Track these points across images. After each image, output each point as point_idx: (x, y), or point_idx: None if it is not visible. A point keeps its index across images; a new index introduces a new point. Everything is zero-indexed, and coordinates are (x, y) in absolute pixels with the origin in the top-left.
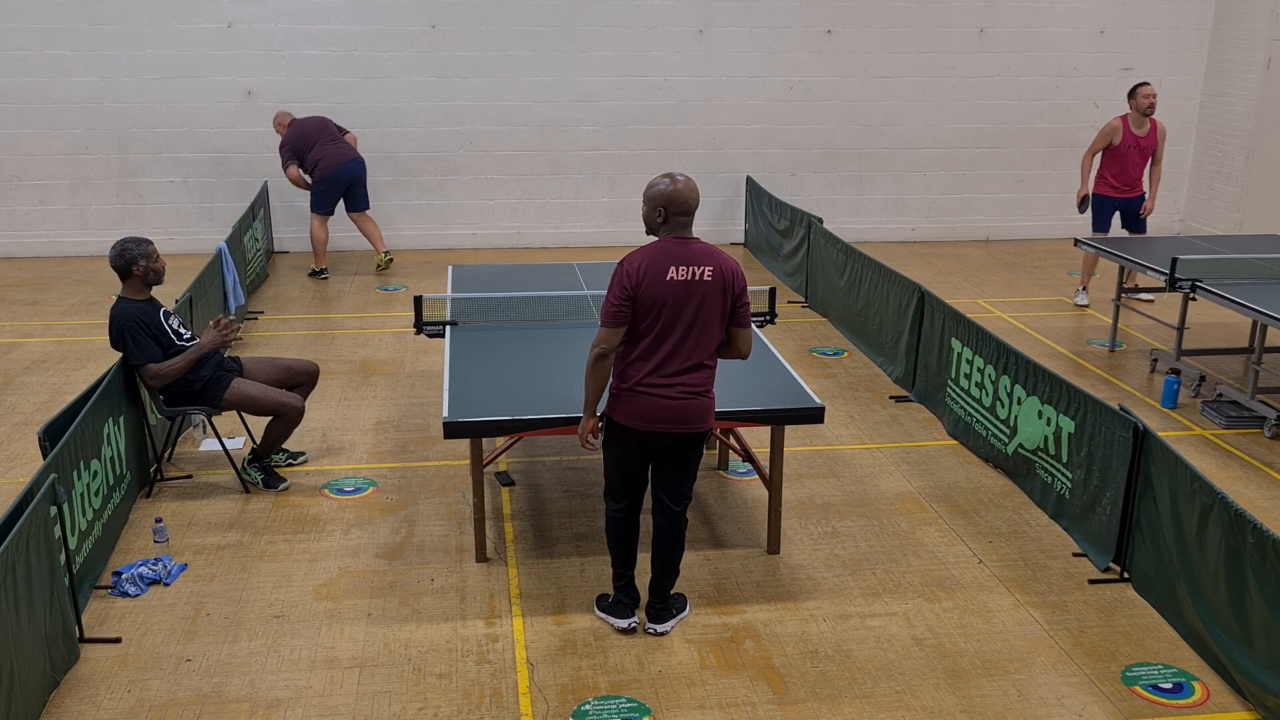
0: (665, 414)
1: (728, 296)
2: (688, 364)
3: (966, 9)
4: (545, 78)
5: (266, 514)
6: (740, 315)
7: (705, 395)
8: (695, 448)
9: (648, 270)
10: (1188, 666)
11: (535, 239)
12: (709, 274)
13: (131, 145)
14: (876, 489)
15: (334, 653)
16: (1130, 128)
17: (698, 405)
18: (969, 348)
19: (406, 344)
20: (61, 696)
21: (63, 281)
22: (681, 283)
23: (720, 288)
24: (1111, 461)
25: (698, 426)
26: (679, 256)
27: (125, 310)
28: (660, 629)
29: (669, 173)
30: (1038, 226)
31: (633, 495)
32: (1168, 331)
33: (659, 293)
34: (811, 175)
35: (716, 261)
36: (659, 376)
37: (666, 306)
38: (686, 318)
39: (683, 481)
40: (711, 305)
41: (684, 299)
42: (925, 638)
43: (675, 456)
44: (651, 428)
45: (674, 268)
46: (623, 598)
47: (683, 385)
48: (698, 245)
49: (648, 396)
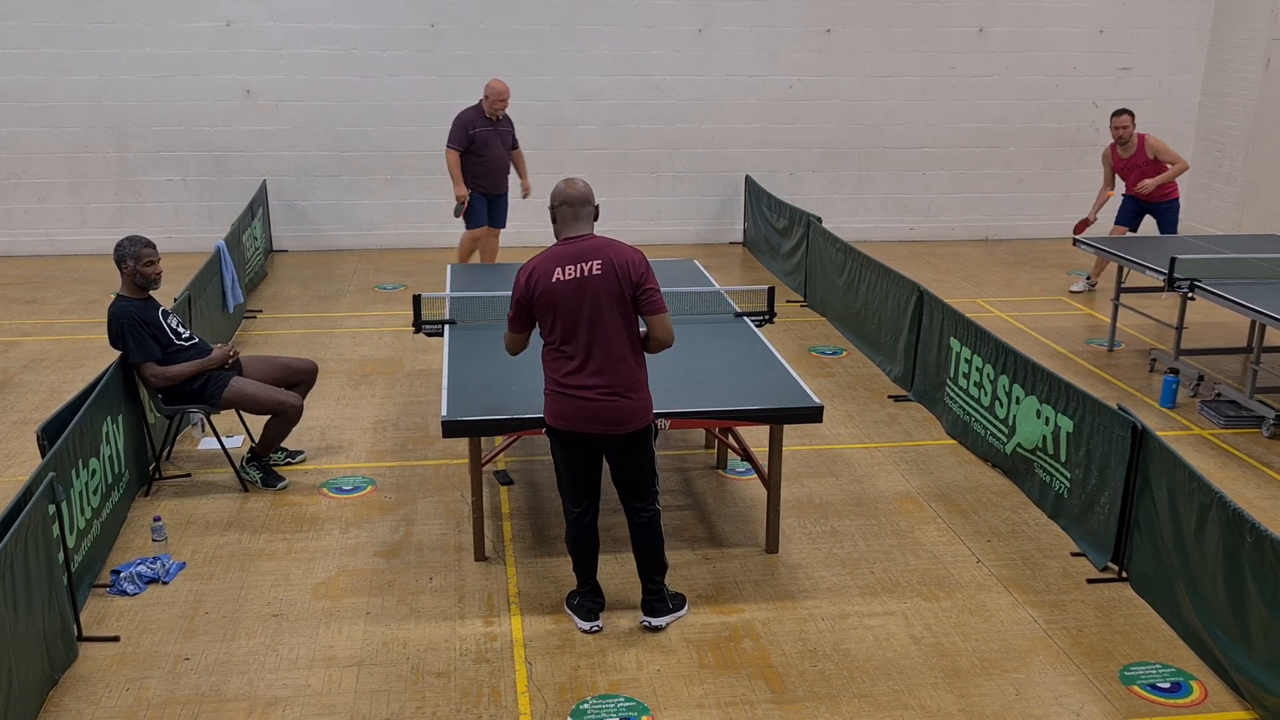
0: (585, 415)
1: (624, 287)
2: (603, 363)
3: (966, 8)
4: (545, 77)
5: (265, 513)
6: (646, 302)
7: (627, 396)
8: (633, 450)
9: (535, 276)
10: (1186, 666)
11: (534, 238)
12: (597, 268)
13: (130, 144)
14: (875, 488)
15: (332, 651)
16: (1118, 154)
17: (621, 407)
18: (968, 347)
19: (405, 343)
20: (60, 695)
21: (61, 280)
22: (571, 282)
23: (613, 280)
24: (1110, 461)
25: (623, 428)
26: (566, 256)
27: (124, 309)
28: (655, 622)
29: (570, 178)
30: (1037, 226)
31: (587, 496)
32: (1166, 331)
33: (549, 296)
34: (811, 174)
35: (606, 255)
36: (576, 377)
37: (560, 308)
38: (585, 316)
39: (635, 481)
40: (608, 300)
41: (576, 298)
42: (923, 637)
43: (616, 458)
44: (576, 428)
45: (560, 269)
46: (587, 601)
47: (601, 386)
48: (589, 241)
49: (568, 397)
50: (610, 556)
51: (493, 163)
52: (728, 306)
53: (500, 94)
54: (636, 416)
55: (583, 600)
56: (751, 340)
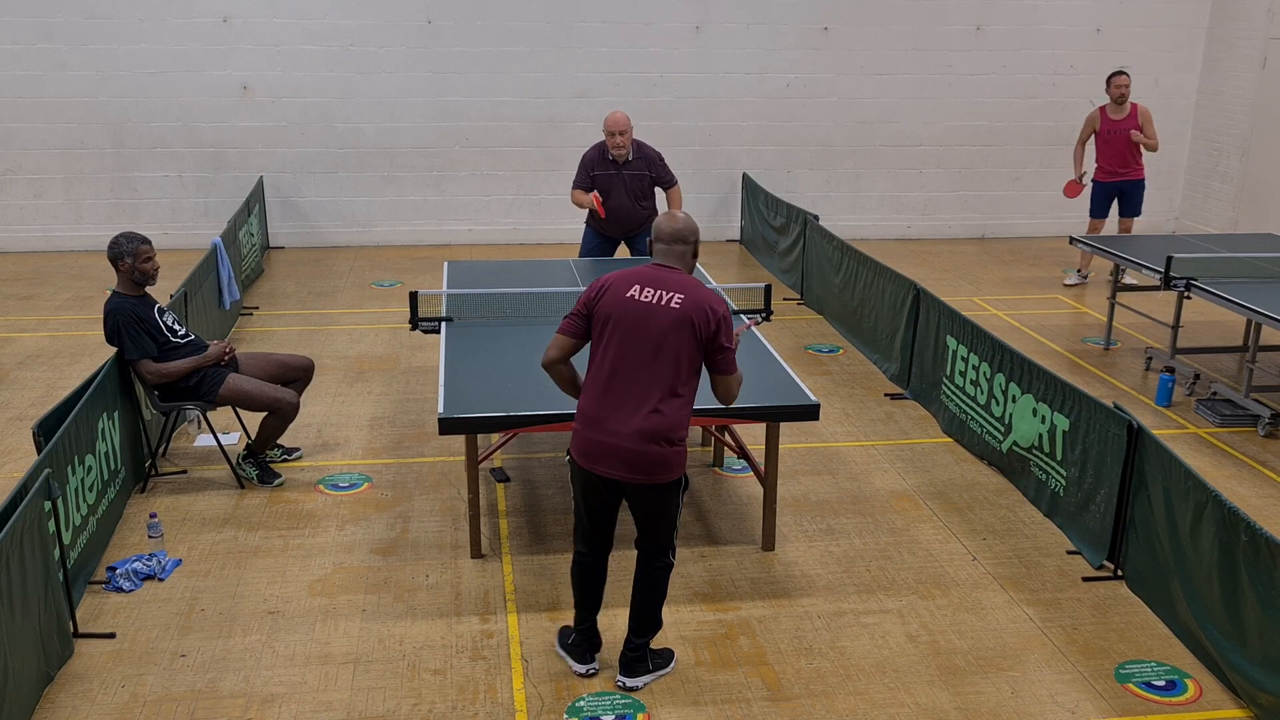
0: (609, 454)
1: (697, 332)
2: (640, 402)
3: (963, 7)
4: (542, 73)
5: (261, 510)
6: (718, 361)
7: (662, 444)
8: (659, 502)
9: (609, 286)
10: (1181, 664)
11: (531, 235)
12: (677, 302)
13: (126, 140)
14: (871, 486)
15: (328, 648)
16: (1107, 114)
17: (655, 455)
18: (964, 345)
19: (402, 340)
20: (56, 692)
21: (57, 276)
22: (643, 305)
23: (688, 321)
24: (1106, 459)
25: (648, 478)
26: (649, 279)
27: (120, 305)
28: (629, 683)
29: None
30: (1033, 224)
31: (598, 539)
32: (1162, 330)
33: (615, 311)
34: (808, 172)
35: (690, 294)
36: (605, 411)
37: (622, 328)
38: (645, 346)
39: (651, 532)
40: (675, 338)
41: (642, 324)
42: (919, 635)
43: (637, 505)
44: (597, 469)
45: (638, 288)
46: (581, 640)
47: (629, 428)
48: (678, 275)
49: (591, 433)
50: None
51: (613, 209)
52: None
53: (611, 129)
54: (670, 467)
55: (579, 639)
56: (748, 338)
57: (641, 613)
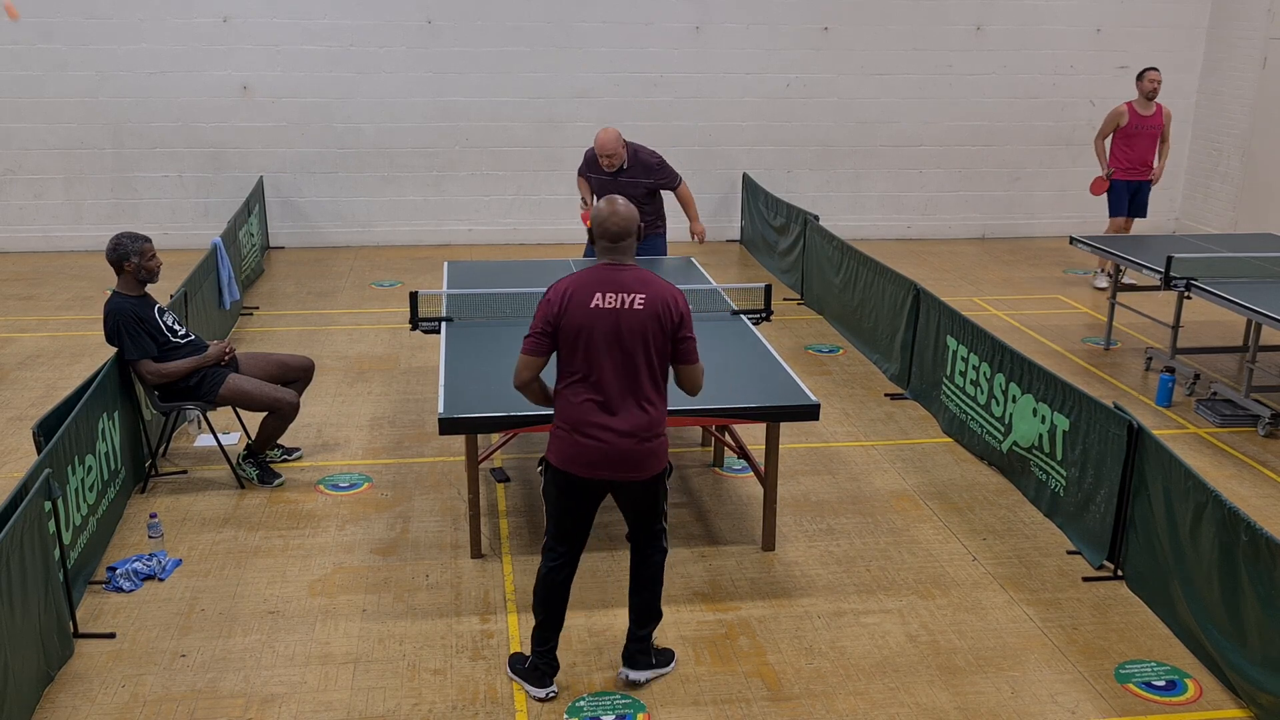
0: (605, 460)
1: (664, 327)
2: (629, 404)
3: (963, 7)
4: (542, 73)
5: (261, 510)
6: (681, 351)
7: (649, 440)
8: (649, 495)
9: (570, 297)
10: (1181, 664)
11: (531, 235)
12: (640, 302)
13: (126, 140)
14: (871, 486)
15: (328, 648)
16: (1136, 110)
17: (644, 451)
18: (964, 345)
19: (402, 340)
20: (56, 692)
21: (57, 276)
22: (609, 311)
23: (654, 319)
24: (1106, 459)
25: (644, 474)
26: (607, 283)
27: (120, 305)
28: (633, 676)
29: (610, 196)
30: (1033, 224)
31: (571, 547)
32: (1163, 330)
33: (582, 322)
34: (808, 172)
35: (651, 290)
36: (599, 417)
37: (592, 339)
38: (618, 352)
39: (645, 524)
40: (645, 338)
41: (612, 330)
42: (919, 635)
43: (631, 501)
44: (587, 474)
45: (600, 295)
46: (540, 663)
47: (625, 430)
48: (631, 272)
49: (586, 439)
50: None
51: None
52: (725, 304)
53: (600, 152)
54: (652, 460)
55: (538, 661)
56: (748, 338)
57: (643, 605)
